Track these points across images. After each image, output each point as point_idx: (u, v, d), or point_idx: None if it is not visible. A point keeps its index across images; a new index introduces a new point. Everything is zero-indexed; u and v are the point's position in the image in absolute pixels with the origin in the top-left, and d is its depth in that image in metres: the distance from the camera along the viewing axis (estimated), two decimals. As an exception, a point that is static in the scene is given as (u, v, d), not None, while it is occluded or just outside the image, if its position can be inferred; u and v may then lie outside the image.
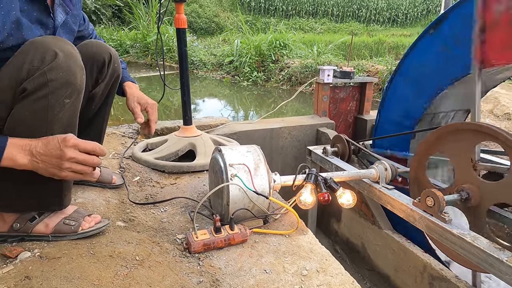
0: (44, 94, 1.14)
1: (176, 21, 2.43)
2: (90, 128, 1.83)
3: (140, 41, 10.69)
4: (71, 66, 1.18)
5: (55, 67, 1.14)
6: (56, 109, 1.18)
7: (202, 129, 3.26)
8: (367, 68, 5.91)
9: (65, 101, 1.20)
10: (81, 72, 1.24)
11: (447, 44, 2.40)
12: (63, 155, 1.14)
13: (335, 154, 2.80)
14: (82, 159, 1.18)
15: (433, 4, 26.07)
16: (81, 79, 1.24)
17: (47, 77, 1.13)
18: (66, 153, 1.14)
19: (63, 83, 1.17)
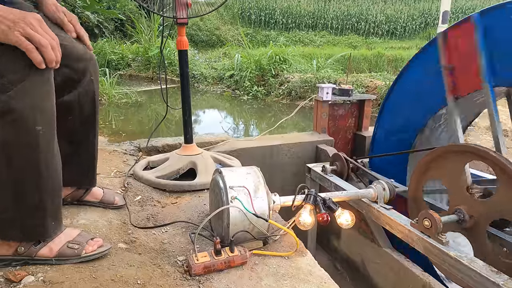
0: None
1: (178, 43, 2.50)
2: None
3: (142, 54, 10.84)
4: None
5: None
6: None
7: (203, 146, 3.30)
8: (366, 83, 5.99)
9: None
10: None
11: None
12: (23, 17, 1.10)
13: (334, 172, 2.84)
14: (40, 31, 1.13)
15: (431, 17, 26.44)
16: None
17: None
18: (26, 16, 1.11)
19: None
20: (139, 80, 10.18)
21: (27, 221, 1.33)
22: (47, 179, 1.31)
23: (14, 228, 1.33)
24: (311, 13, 25.40)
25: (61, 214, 1.49)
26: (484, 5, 29.20)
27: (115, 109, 6.28)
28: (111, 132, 4.98)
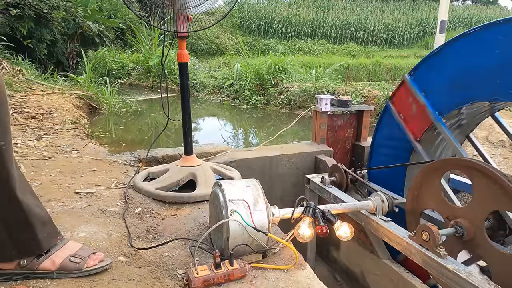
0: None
1: (178, 56, 2.53)
2: None
3: (142, 63, 10.91)
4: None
5: None
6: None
7: (203, 156, 3.32)
8: (364, 93, 6.04)
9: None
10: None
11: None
12: None
13: (333, 183, 2.85)
14: None
15: (428, 26, 26.70)
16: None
17: None
18: None
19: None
20: (139, 89, 10.22)
21: (16, 236, 1.34)
22: (23, 193, 1.33)
23: (7, 248, 1.34)
24: (310, 22, 25.64)
25: (52, 224, 1.50)
26: (481, 14, 29.51)
27: (115, 118, 6.31)
28: (111, 142, 4.99)
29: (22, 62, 7.94)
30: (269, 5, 27.58)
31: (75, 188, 2.43)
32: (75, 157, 3.09)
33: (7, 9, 9.14)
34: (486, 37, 2.16)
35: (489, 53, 2.12)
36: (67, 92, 5.99)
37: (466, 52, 2.28)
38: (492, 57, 2.11)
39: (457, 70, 2.36)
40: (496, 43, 2.08)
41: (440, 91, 2.47)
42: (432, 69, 2.54)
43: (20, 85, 5.70)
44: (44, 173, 2.64)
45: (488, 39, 2.14)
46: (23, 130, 3.76)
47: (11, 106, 4.54)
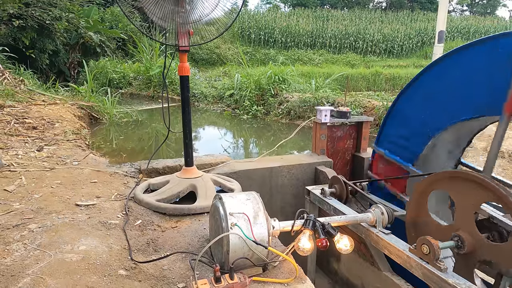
0: None
1: (179, 70, 2.56)
2: None
3: (143, 73, 10.99)
4: None
5: None
6: None
7: (203, 167, 3.33)
8: (364, 103, 6.08)
9: None
10: None
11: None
12: None
13: (333, 195, 2.86)
14: None
15: (427, 36, 26.95)
16: None
17: None
18: None
19: None
20: (140, 98, 10.28)
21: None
22: None
23: None
24: (309, 32, 25.88)
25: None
26: (479, 24, 29.80)
27: (116, 128, 6.34)
28: (111, 152, 5.00)
29: (24, 72, 8.01)
30: (269, 15, 27.90)
31: (75, 200, 2.43)
32: (76, 168, 3.10)
33: (10, 20, 9.24)
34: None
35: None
36: (68, 103, 6.03)
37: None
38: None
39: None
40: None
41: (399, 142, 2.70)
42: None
43: (22, 96, 5.74)
44: (45, 184, 2.65)
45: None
46: (25, 141, 3.78)
47: (12, 116, 4.57)
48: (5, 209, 2.19)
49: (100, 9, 16.38)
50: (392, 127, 2.85)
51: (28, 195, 2.43)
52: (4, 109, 4.78)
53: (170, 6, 2.25)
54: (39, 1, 10.27)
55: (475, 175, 1.83)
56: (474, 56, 2.24)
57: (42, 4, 10.24)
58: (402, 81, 16.61)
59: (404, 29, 27.55)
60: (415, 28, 27.69)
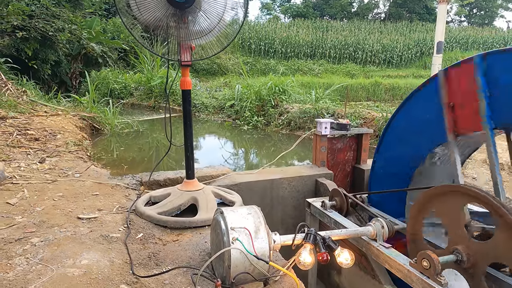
0: None
1: (182, 84, 2.60)
2: None
3: (144, 84, 11.07)
4: None
5: None
6: None
7: (204, 179, 3.34)
8: (364, 115, 6.12)
9: None
10: None
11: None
12: None
13: (334, 207, 2.87)
14: None
15: (426, 46, 27.21)
16: None
17: None
18: None
19: None
20: (141, 109, 10.34)
21: None
22: None
23: None
24: (309, 42, 26.14)
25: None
26: (477, 35, 30.10)
27: (117, 139, 6.37)
28: (112, 163, 5.02)
29: (27, 83, 8.07)
30: (269, 26, 28.21)
31: (77, 213, 2.45)
32: (77, 181, 3.12)
33: (14, 31, 9.35)
34: None
35: None
36: (70, 114, 6.07)
37: None
38: None
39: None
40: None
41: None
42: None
43: (24, 107, 5.78)
44: (47, 197, 2.67)
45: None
46: (27, 153, 3.80)
47: (15, 128, 4.60)
48: (8, 222, 2.21)
49: (102, 20, 16.58)
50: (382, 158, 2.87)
51: (30, 208, 2.44)
52: (7, 121, 4.81)
53: (172, 22, 2.30)
54: (42, 13, 10.41)
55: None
56: (421, 98, 2.64)
57: (45, 16, 10.38)
58: (401, 91, 16.75)
59: (403, 39, 27.83)
60: (414, 39, 27.98)
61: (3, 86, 6.66)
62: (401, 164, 2.80)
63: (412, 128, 2.72)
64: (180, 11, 2.24)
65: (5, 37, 9.55)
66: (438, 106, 2.45)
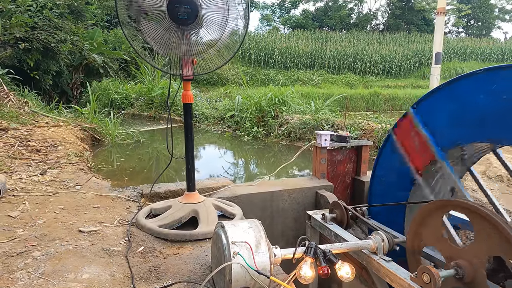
0: None
1: (183, 97, 2.64)
2: None
3: (145, 94, 11.13)
4: None
5: None
6: None
7: (205, 191, 3.36)
8: (363, 126, 6.16)
9: None
10: None
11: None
12: None
13: (334, 220, 2.88)
14: None
15: (424, 57, 27.45)
16: None
17: None
18: None
19: None
20: (142, 119, 10.37)
21: None
22: None
23: None
24: (308, 53, 26.38)
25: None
26: (475, 46, 30.39)
27: (118, 149, 6.39)
28: (113, 174, 5.02)
29: (28, 94, 8.13)
30: (269, 37, 28.50)
31: (78, 225, 2.46)
32: (78, 193, 3.13)
33: (16, 43, 9.45)
34: (495, 79, 2.18)
35: (496, 98, 2.16)
36: (71, 124, 6.10)
37: (472, 92, 2.30)
38: (499, 101, 2.15)
39: (461, 109, 2.38)
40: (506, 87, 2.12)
41: (443, 127, 2.51)
42: (436, 103, 2.57)
43: (26, 118, 5.82)
44: (48, 210, 2.68)
45: (497, 81, 2.16)
46: (28, 164, 3.82)
47: (16, 139, 4.63)
48: (9, 235, 2.21)
49: (104, 31, 16.77)
50: (440, 105, 2.69)
51: (31, 221, 2.45)
52: (9, 132, 4.84)
53: (175, 38, 2.34)
54: (45, 24, 10.53)
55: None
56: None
57: (48, 28, 10.50)
58: (400, 102, 16.85)
59: (402, 50, 28.08)
60: (413, 49, 28.24)
61: (5, 97, 6.71)
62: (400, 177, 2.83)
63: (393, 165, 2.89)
64: (182, 27, 2.29)
65: (7, 49, 9.64)
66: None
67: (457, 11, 37.31)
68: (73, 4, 12.06)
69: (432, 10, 33.46)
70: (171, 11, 2.19)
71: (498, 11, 40.21)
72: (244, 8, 2.50)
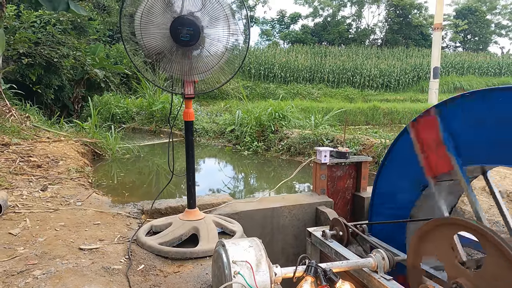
0: None
1: (185, 115, 2.67)
2: None
3: (146, 108, 11.21)
4: None
5: None
6: None
7: (205, 208, 3.36)
8: (363, 141, 6.19)
9: None
10: None
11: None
12: None
13: (334, 237, 2.88)
14: None
15: (422, 71, 27.74)
16: None
17: None
18: None
19: None
20: (142, 133, 10.42)
21: None
22: None
23: None
24: (308, 67, 26.66)
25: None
26: (472, 60, 30.74)
27: (118, 164, 6.41)
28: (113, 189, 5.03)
29: (30, 108, 8.20)
30: (269, 51, 28.85)
31: (79, 243, 2.46)
32: (79, 209, 3.14)
33: (19, 58, 9.58)
34: None
35: None
36: (73, 139, 6.14)
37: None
38: None
39: (499, 126, 2.06)
40: None
41: (473, 142, 2.22)
42: (467, 113, 2.24)
43: (28, 133, 5.86)
44: (49, 227, 2.68)
45: None
46: (29, 180, 3.83)
47: (18, 154, 4.65)
48: (10, 254, 2.21)
49: (106, 46, 17.00)
50: (471, 117, 2.35)
51: (32, 239, 2.45)
52: (10, 147, 4.87)
53: (178, 59, 2.39)
54: (48, 40, 10.70)
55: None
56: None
57: (51, 43, 10.66)
58: (399, 116, 16.94)
59: (400, 64, 28.39)
60: (411, 64, 28.55)
61: (7, 112, 6.77)
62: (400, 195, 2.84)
63: (404, 165, 2.79)
64: (185, 48, 2.34)
65: (10, 64, 9.77)
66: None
67: (454, 26, 37.89)
68: (76, 20, 12.26)
69: (429, 25, 33.99)
70: (174, 33, 2.25)
71: (494, 26, 40.85)
72: (244, 24, 2.56)
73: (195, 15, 2.35)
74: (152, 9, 2.25)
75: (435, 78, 21.66)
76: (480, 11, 38.22)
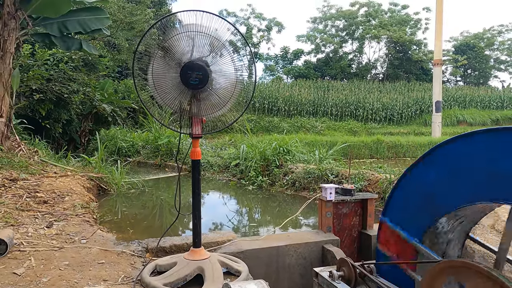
0: None
1: (192, 154, 2.73)
2: None
3: (151, 142, 11.35)
4: None
5: None
6: None
7: (210, 246, 3.33)
8: (368, 176, 6.19)
9: None
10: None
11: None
12: None
13: (342, 278, 2.81)
14: None
15: (425, 105, 28.05)
16: None
17: None
18: None
19: None
20: (147, 167, 10.48)
21: None
22: None
23: None
24: (311, 101, 27.10)
25: None
26: (473, 94, 31.12)
27: (123, 199, 6.41)
28: (118, 225, 4.99)
29: (39, 143, 8.34)
30: (273, 86, 29.50)
31: (83, 284, 2.43)
32: (84, 247, 3.13)
33: (31, 94, 9.89)
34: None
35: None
36: (79, 174, 6.19)
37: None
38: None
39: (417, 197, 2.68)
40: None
41: (411, 218, 2.73)
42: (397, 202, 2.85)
43: (35, 168, 5.93)
44: (53, 266, 2.66)
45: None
46: (35, 217, 3.84)
47: (25, 190, 4.69)
48: (14, 295, 2.19)
49: (114, 81, 17.52)
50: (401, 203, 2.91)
51: (36, 279, 2.44)
52: (18, 182, 4.92)
53: (186, 100, 2.49)
54: (59, 76, 11.08)
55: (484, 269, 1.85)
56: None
57: (62, 80, 11.03)
58: (404, 149, 16.95)
59: (402, 98, 28.78)
60: (413, 97, 28.94)
61: (16, 147, 6.90)
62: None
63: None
64: (194, 91, 2.44)
65: (22, 99, 10.06)
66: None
67: (453, 62, 38.73)
68: (87, 58, 12.74)
69: (429, 60, 34.79)
70: (184, 77, 2.35)
71: (493, 61, 41.69)
72: (249, 59, 2.68)
73: (204, 60, 2.47)
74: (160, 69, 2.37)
75: (438, 112, 21.89)
76: (478, 47, 39.19)
